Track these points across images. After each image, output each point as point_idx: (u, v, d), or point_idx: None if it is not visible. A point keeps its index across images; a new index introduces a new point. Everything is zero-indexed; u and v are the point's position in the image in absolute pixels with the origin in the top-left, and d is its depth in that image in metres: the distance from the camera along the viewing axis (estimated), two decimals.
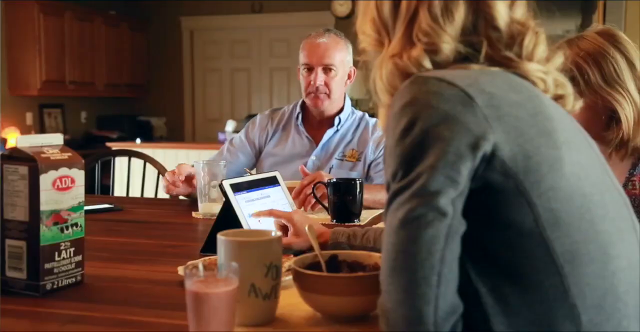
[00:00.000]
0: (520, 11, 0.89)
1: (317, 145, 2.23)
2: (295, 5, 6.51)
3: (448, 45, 0.85)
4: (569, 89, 0.92)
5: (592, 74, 1.49)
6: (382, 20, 0.92)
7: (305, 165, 2.17)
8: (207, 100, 7.11)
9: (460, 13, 0.86)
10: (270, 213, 1.37)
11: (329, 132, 2.22)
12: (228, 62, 7.01)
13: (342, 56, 2.18)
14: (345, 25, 2.26)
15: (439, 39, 0.85)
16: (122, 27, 6.63)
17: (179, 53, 7.05)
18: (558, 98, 0.90)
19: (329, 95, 2.18)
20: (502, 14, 0.87)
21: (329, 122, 2.24)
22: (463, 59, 0.86)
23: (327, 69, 2.16)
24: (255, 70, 6.95)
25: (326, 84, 2.17)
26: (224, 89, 7.05)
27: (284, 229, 1.35)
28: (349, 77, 2.23)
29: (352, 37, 2.23)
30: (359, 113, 2.29)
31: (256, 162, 2.30)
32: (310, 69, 2.18)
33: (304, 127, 2.27)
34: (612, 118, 1.50)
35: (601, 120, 1.48)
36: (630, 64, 1.50)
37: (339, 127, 2.23)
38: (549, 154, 0.79)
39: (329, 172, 2.12)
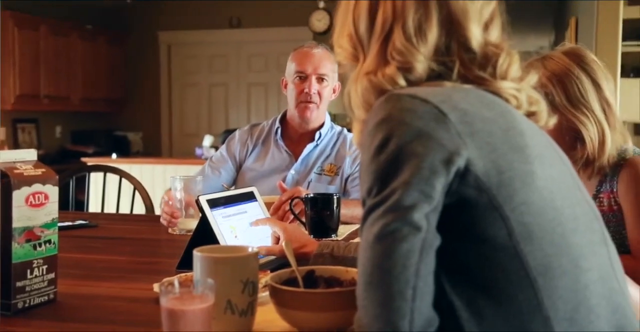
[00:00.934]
0: (495, 34, 0.91)
1: (296, 159, 2.23)
2: (274, 21, 6.54)
3: (421, 64, 0.87)
4: (542, 106, 0.94)
5: (556, 95, 1.51)
6: (358, 36, 0.93)
7: (285, 179, 2.17)
8: (185, 115, 7.09)
9: (433, 34, 0.87)
10: (268, 220, 1.45)
11: (309, 147, 2.23)
12: (206, 76, 7.01)
13: (332, 68, 2.20)
14: (323, 41, 2.28)
15: (413, 58, 0.87)
16: (98, 42, 6.60)
17: (156, 67, 7.03)
18: (531, 114, 0.92)
19: (318, 106, 2.19)
20: (476, 36, 0.88)
21: (309, 136, 2.25)
22: (437, 76, 0.88)
23: (320, 79, 2.18)
24: (232, 85, 6.95)
25: (319, 94, 2.18)
26: (202, 103, 7.04)
27: (278, 238, 1.38)
28: (334, 91, 2.25)
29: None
30: (337, 128, 2.31)
31: (237, 176, 2.29)
32: (303, 77, 2.18)
33: (284, 142, 2.27)
34: (577, 138, 1.52)
35: (565, 141, 1.50)
36: (596, 85, 1.52)
37: (318, 141, 2.24)
38: (521, 169, 0.80)
39: (308, 186, 2.12)
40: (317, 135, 2.23)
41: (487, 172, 0.77)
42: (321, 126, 2.26)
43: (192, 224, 1.70)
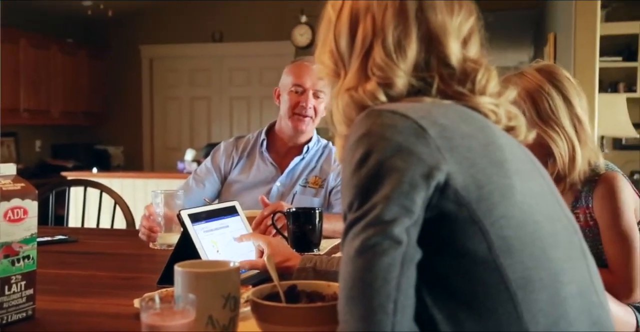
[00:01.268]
0: (474, 50, 0.93)
1: (282, 172, 2.22)
2: (256, 35, 6.56)
3: (401, 80, 0.88)
4: (521, 120, 0.95)
5: (527, 111, 1.53)
6: (339, 53, 0.94)
7: (270, 191, 2.16)
8: (166, 129, 7.06)
9: (412, 50, 0.89)
10: (252, 235, 1.45)
11: (296, 160, 2.23)
12: (188, 90, 7.00)
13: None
14: (305, 55, 2.29)
15: (393, 73, 0.88)
16: (80, 55, 6.57)
17: (138, 81, 7.01)
18: (510, 129, 0.93)
19: (313, 120, 2.20)
20: (455, 52, 0.90)
21: (297, 149, 2.25)
22: (416, 92, 0.89)
23: (316, 95, 2.18)
24: (215, 99, 6.95)
25: (314, 109, 2.19)
26: (184, 117, 7.03)
27: (262, 252, 1.38)
28: (326, 108, 2.26)
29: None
30: (323, 141, 2.31)
31: (221, 188, 2.28)
32: (300, 91, 2.18)
33: (270, 154, 2.26)
34: (548, 154, 1.54)
35: (536, 156, 1.52)
36: (567, 101, 1.55)
37: (305, 155, 2.24)
38: (500, 183, 0.81)
39: (292, 199, 2.13)
40: (305, 148, 2.24)
41: (467, 187, 0.78)
42: (309, 140, 2.26)
43: (172, 238, 1.69)
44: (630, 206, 1.53)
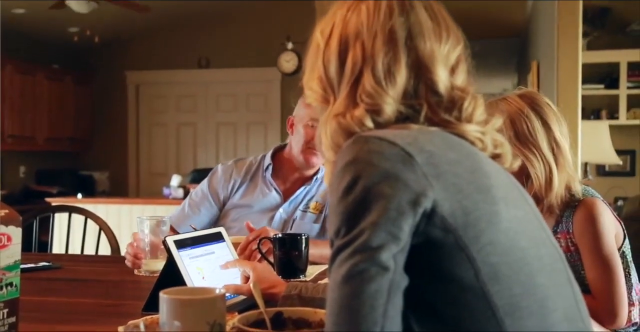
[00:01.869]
0: (461, 78, 0.94)
1: (286, 199, 2.18)
2: (242, 61, 6.61)
3: (390, 107, 0.89)
4: (506, 148, 0.96)
5: (505, 133, 1.55)
6: (328, 79, 0.95)
7: (273, 217, 2.14)
8: (152, 155, 7.05)
9: (402, 77, 0.90)
10: (237, 262, 1.46)
11: (302, 189, 2.20)
12: (174, 116, 7.02)
13: None
14: (291, 82, 2.30)
15: (382, 100, 0.89)
16: (65, 81, 6.57)
17: (124, 107, 7.02)
18: (496, 156, 0.94)
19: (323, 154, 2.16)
20: (442, 79, 0.91)
21: (304, 180, 2.22)
22: (404, 119, 0.90)
23: None
24: (201, 125, 6.96)
25: None
26: (170, 143, 7.02)
27: (248, 278, 1.37)
28: None
29: (298, 93, 2.25)
30: (324, 169, 2.30)
31: (220, 214, 2.23)
32: (317, 126, 2.14)
33: (274, 180, 2.22)
34: (525, 177, 1.56)
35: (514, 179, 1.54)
36: (546, 125, 1.58)
37: (310, 183, 2.22)
38: (487, 210, 0.81)
39: (292, 224, 2.10)
40: (314, 179, 2.21)
41: (453, 213, 0.79)
42: (317, 172, 2.23)
43: (157, 265, 1.68)
44: (611, 231, 1.54)
